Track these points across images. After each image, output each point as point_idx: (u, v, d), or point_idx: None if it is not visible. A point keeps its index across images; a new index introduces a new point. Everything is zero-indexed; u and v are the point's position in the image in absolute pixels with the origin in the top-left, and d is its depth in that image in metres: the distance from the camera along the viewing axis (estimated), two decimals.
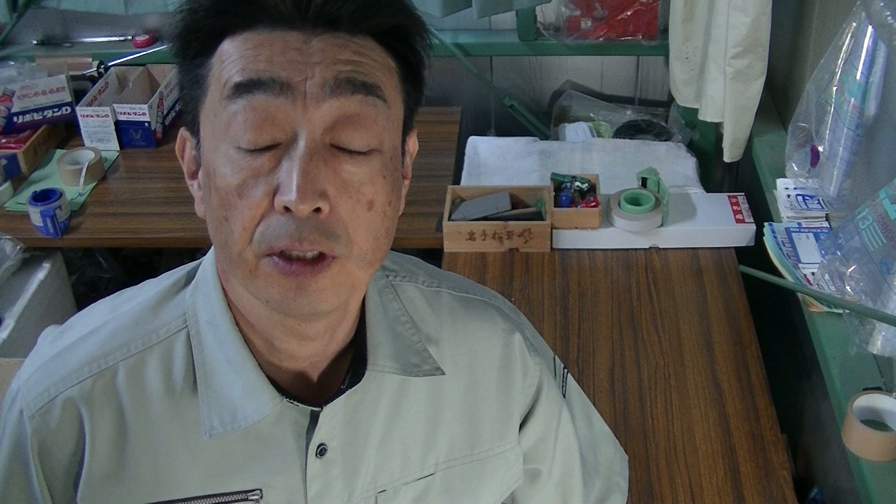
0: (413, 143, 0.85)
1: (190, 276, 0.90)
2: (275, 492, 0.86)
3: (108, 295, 0.94)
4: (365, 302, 0.89)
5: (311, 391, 0.87)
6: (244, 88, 0.73)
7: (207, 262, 0.88)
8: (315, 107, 0.72)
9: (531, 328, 1.05)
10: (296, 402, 0.84)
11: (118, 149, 2.49)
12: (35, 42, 2.78)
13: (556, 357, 1.07)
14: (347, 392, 0.86)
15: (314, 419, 0.86)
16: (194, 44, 0.77)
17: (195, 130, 0.79)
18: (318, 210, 0.72)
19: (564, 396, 1.05)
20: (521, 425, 1.01)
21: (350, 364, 0.88)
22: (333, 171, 0.73)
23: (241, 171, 0.73)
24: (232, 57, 0.74)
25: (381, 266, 0.87)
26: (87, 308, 0.93)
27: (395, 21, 0.77)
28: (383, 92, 0.76)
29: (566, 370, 1.08)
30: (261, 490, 0.86)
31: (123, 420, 0.84)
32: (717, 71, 2.10)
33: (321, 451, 0.86)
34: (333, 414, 0.86)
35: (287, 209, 0.72)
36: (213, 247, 0.86)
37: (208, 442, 0.84)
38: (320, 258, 0.74)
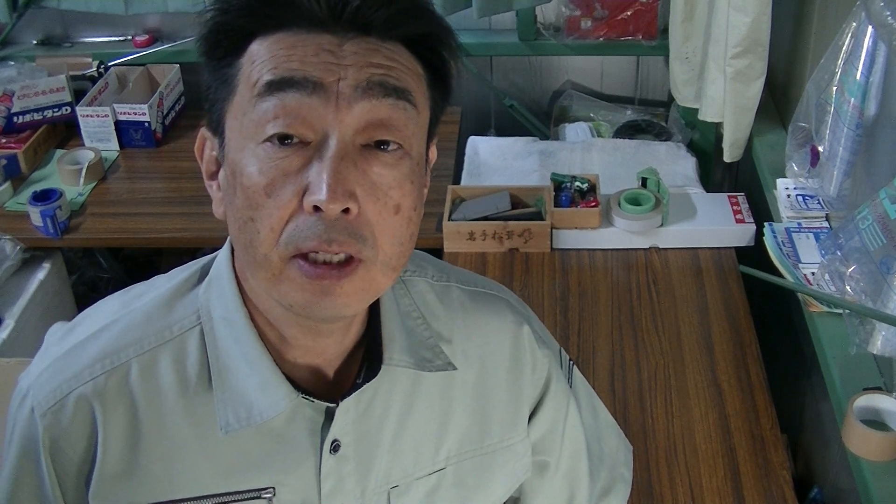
0: (433, 152, 0.86)
1: (203, 272, 0.89)
2: (288, 489, 0.86)
3: (111, 293, 0.94)
4: (379, 298, 0.89)
5: (325, 388, 0.88)
6: (276, 87, 0.73)
7: (222, 257, 0.87)
8: (347, 108, 0.73)
9: (538, 320, 1.05)
10: (311, 399, 0.84)
11: (118, 149, 2.49)
12: (35, 42, 2.78)
13: (562, 349, 1.07)
14: (361, 388, 0.86)
15: (328, 416, 0.86)
16: (224, 43, 0.77)
17: (219, 130, 0.79)
18: (346, 211, 0.73)
19: (571, 388, 1.06)
20: (530, 418, 1.01)
21: (363, 359, 0.89)
22: (363, 173, 0.74)
23: (270, 171, 0.73)
24: (263, 57, 0.74)
25: None
26: (95, 304, 0.92)
27: (425, 29, 0.78)
28: (413, 97, 0.76)
29: (572, 362, 1.09)
30: (274, 488, 0.86)
31: (137, 417, 0.84)
32: (717, 71, 2.10)
33: (335, 447, 0.86)
34: (347, 410, 0.86)
35: (316, 209, 0.72)
36: (227, 242, 0.86)
37: (222, 439, 0.84)
38: (346, 262, 0.74)
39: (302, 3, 0.73)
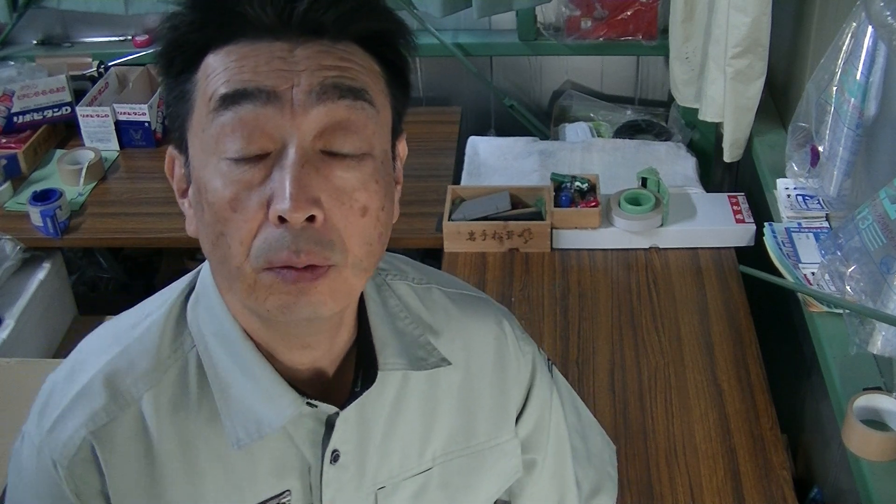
0: (403, 148, 0.85)
1: (189, 290, 0.88)
2: (296, 495, 0.87)
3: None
4: (364, 301, 0.89)
5: (322, 392, 0.87)
6: (231, 100, 0.72)
7: (206, 273, 0.87)
8: (303, 114, 0.72)
9: (517, 322, 1.06)
10: (315, 403, 0.84)
11: (118, 149, 2.49)
12: (35, 42, 2.78)
13: (542, 349, 1.08)
14: (361, 396, 0.86)
15: (326, 425, 0.86)
16: (178, 60, 0.76)
17: (183, 148, 0.79)
18: (312, 219, 0.72)
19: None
20: (518, 416, 1.01)
21: (357, 365, 0.88)
22: (325, 179, 0.73)
23: (233, 184, 0.73)
24: (217, 70, 0.73)
25: None
26: (87, 341, 0.91)
27: (378, 26, 0.77)
28: (371, 96, 0.75)
29: (551, 362, 1.09)
30: (290, 491, 0.86)
31: (152, 449, 0.83)
32: (717, 71, 2.10)
33: (335, 457, 0.86)
34: (346, 418, 0.86)
35: (282, 219, 0.71)
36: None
37: (237, 454, 0.83)
38: (316, 265, 0.74)
39: (249, 13, 0.72)
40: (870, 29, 1.52)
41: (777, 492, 1.51)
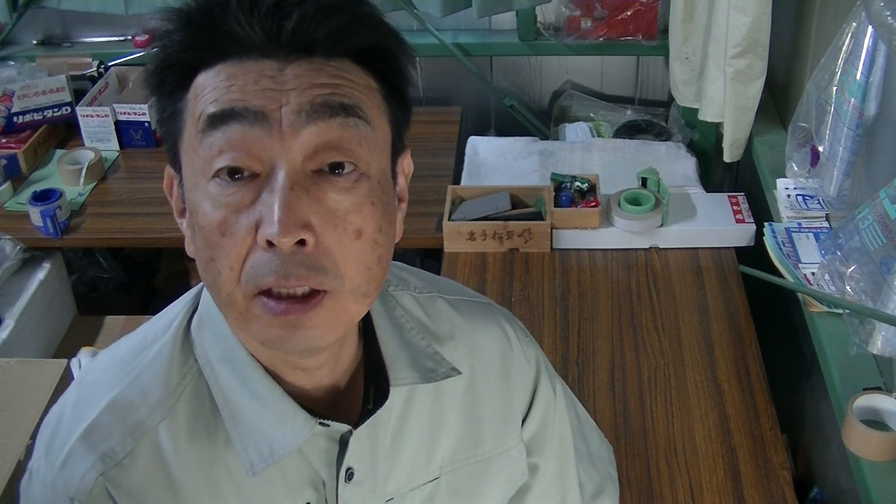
0: (408, 164, 0.83)
1: (191, 312, 0.87)
2: None
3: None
4: (370, 315, 0.87)
5: (330, 409, 0.86)
6: (219, 120, 0.70)
7: (208, 295, 0.85)
8: (293, 135, 0.70)
9: (519, 325, 1.05)
10: (328, 423, 0.82)
11: (118, 149, 2.49)
12: (35, 42, 2.78)
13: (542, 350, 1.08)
14: (374, 414, 0.85)
15: (338, 443, 0.85)
16: (169, 80, 0.75)
17: (178, 167, 0.77)
18: (303, 243, 0.70)
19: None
20: (523, 419, 1.01)
21: (366, 382, 0.87)
22: (317, 201, 0.70)
23: (222, 207, 0.71)
24: (206, 90, 0.72)
25: None
26: (88, 372, 0.88)
27: (372, 40, 0.74)
28: (365, 113, 0.73)
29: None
30: (309, 503, 0.85)
31: (172, 478, 0.81)
32: (717, 71, 2.10)
33: (349, 475, 0.85)
34: (359, 436, 0.85)
35: (270, 244, 0.69)
36: None
37: (252, 479, 0.82)
38: (312, 294, 0.72)
39: (237, 32, 0.70)
40: (870, 29, 1.52)
41: (777, 492, 1.51)
